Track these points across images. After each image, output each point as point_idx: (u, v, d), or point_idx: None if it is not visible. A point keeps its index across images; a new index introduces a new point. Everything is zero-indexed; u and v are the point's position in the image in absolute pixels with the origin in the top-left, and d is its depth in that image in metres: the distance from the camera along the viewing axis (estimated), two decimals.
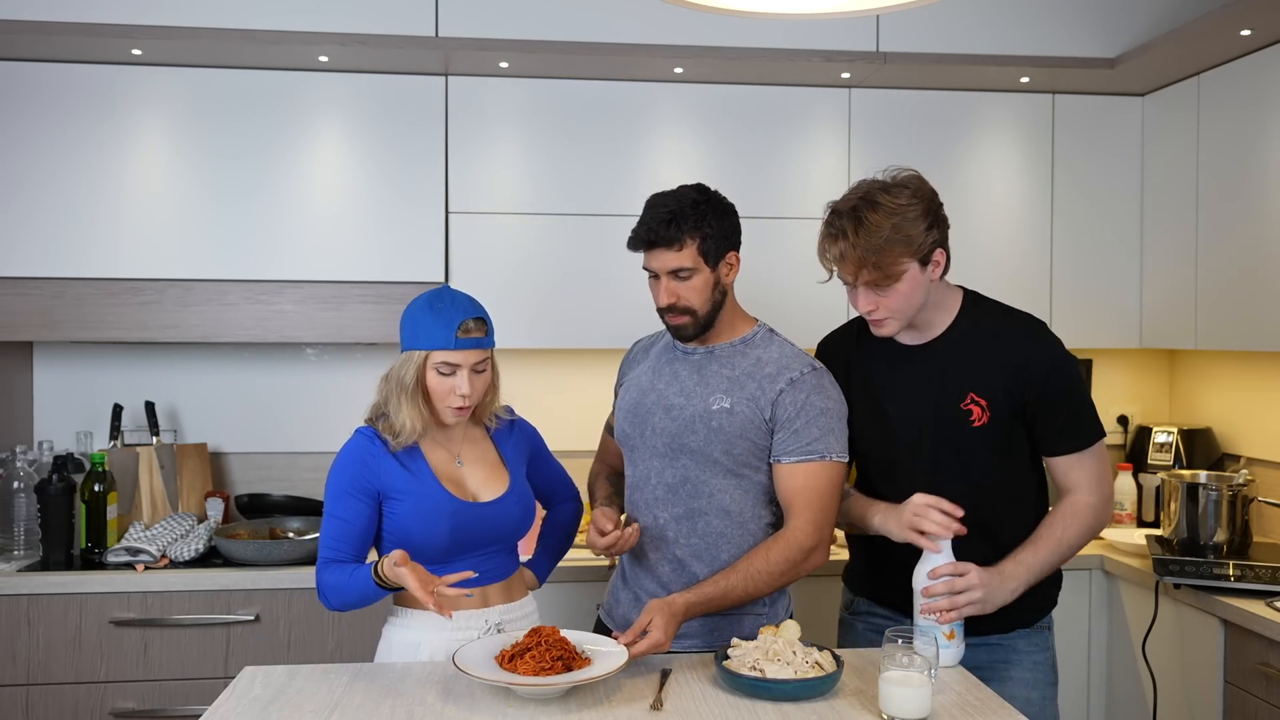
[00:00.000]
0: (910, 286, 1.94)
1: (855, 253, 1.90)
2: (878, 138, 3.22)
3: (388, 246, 3.05)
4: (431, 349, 1.93)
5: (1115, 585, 2.96)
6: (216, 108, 3.00)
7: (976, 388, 1.99)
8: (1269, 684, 2.37)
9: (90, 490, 2.88)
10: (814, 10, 1.77)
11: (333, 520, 1.96)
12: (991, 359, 1.99)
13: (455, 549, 1.98)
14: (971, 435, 1.99)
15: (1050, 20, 3.10)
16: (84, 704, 2.73)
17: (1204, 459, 3.29)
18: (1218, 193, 2.97)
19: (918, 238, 1.90)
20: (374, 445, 1.99)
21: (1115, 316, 3.32)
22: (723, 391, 2.04)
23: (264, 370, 3.39)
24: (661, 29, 2.95)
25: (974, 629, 1.98)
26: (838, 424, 2.03)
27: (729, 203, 2.08)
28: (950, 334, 2.04)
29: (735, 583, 1.97)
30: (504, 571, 2.07)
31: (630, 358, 2.28)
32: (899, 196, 1.91)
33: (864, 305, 1.98)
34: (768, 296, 3.19)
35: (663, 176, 3.15)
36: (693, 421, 2.04)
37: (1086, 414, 2.02)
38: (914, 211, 1.90)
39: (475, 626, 2.00)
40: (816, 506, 2.00)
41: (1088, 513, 2.00)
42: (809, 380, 2.02)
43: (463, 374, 1.95)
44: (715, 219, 2.03)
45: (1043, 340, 2.02)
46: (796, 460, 2.00)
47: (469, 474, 2.05)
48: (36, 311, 2.92)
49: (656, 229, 2.01)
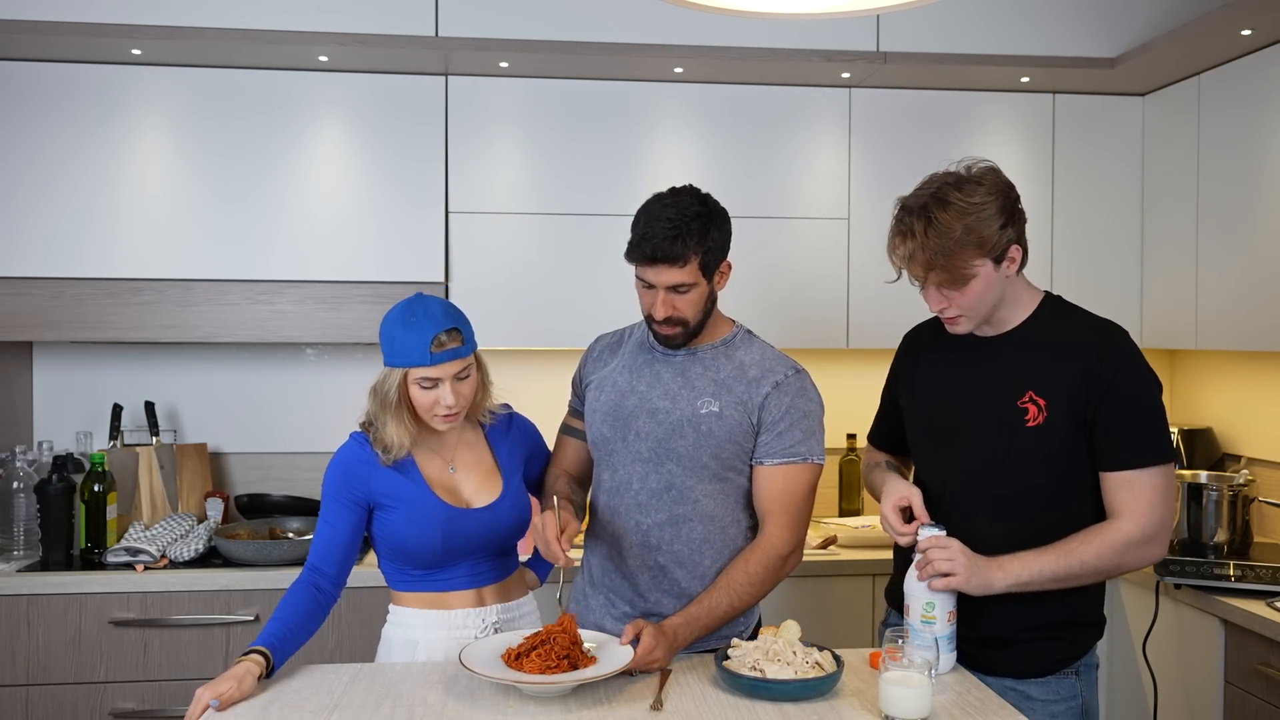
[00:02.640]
0: (984, 286, 1.84)
1: (924, 254, 1.80)
2: (878, 138, 3.22)
3: (388, 246, 3.05)
4: (408, 366, 1.90)
5: (1115, 585, 2.96)
6: (216, 108, 3.00)
7: (1037, 386, 1.87)
8: (1269, 684, 2.37)
9: (90, 490, 2.88)
10: (814, 10, 1.77)
11: (323, 524, 1.97)
12: (1059, 359, 1.87)
13: (448, 555, 1.98)
14: (1024, 436, 1.87)
15: (1050, 20, 3.10)
16: (84, 704, 2.73)
17: (1204, 459, 3.29)
18: (1218, 193, 2.97)
19: (991, 238, 1.80)
20: (365, 451, 1.98)
21: (1115, 316, 3.19)
22: (710, 395, 2.01)
23: (264, 370, 3.39)
24: (661, 29, 2.95)
25: (987, 669, 1.89)
26: (818, 427, 2.03)
27: (723, 208, 2.04)
28: (1021, 330, 1.93)
29: (719, 599, 1.94)
30: (501, 573, 2.07)
31: (594, 356, 2.21)
32: (973, 194, 1.80)
33: (935, 304, 1.89)
34: (767, 296, 3.19)
35: (663, 176, 3.15)
36: (680, 425, 2.01)
37: (1149, 431, 1.83)
38: (989, 210, 1.79)
39: (472, 626, 2.00)
40: (793, 510, 1.99)
41: (1118, 538, 1.81)
42: (794, 383, 2.02)
43: (445, 386, 1.91)
44: (716, 230, 1.98)
45: (1119, 345, 1.88)
46: (778, 463, 1.99)
47: (463, 480, 2.04)
48: (36, 311, 2.92)
49: (662, 245, 1.92)
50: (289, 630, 1.85)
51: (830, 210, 3.22)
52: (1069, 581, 1.83)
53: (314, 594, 1.91)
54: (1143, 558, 1.84)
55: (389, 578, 2.05)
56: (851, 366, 3.50)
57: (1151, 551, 1.84)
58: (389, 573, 2.04)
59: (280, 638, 1.83)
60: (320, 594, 1.92)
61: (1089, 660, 1.95)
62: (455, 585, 2.01)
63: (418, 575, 2.01)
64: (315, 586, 1.92)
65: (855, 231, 3.21)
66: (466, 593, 2.02)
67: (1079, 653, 1.93)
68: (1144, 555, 1.84)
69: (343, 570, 1.96)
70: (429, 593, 2.01)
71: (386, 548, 2.00)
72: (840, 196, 3.22)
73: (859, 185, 3.22)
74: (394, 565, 2.02)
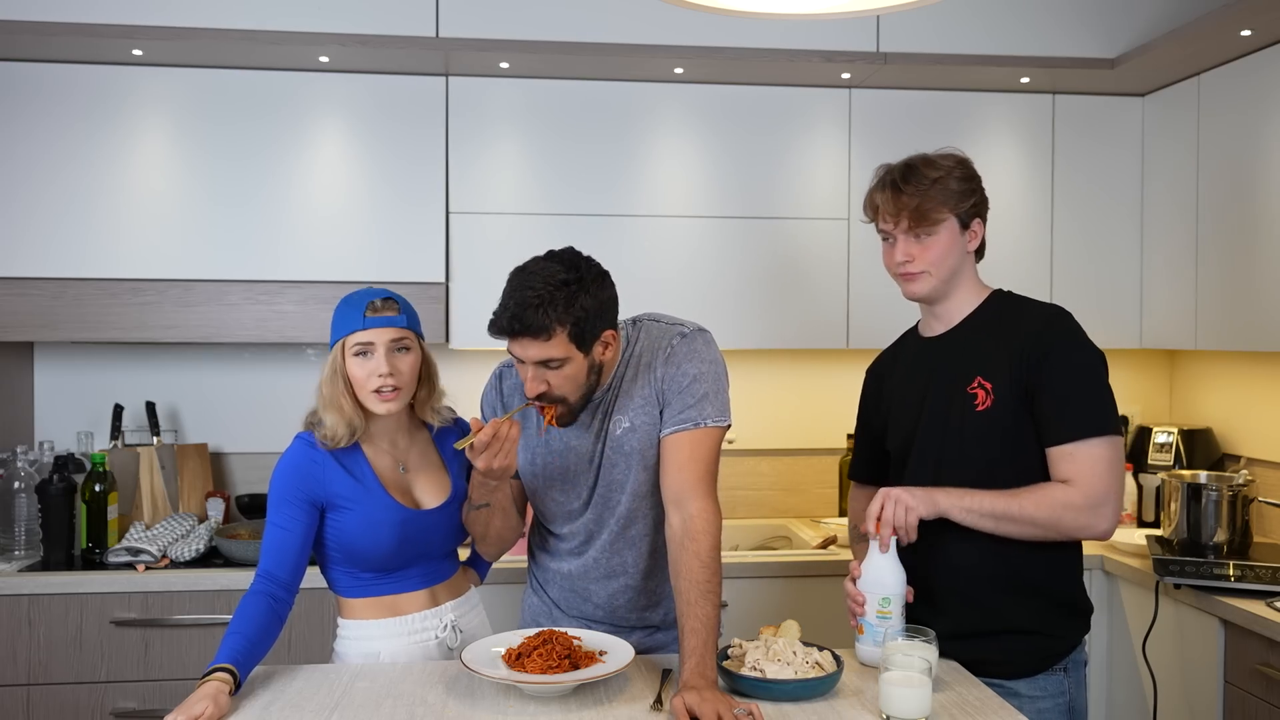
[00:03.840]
0: (948, 240, 1.95)
1: (902, 198, 1.94)
2: (878, 138, 3.22)
3: (388, 247, 3.06)
4: (345, 334, 1.91)
5: (1115, 585, 2.96)
6: (217, 108, 3.00)
7: (984, 371, 1.92)
8: (1269, 684, 2.37)
9: (91, 490, 2.88)
10: (814, 10, 1.77)
11: (272, 528, 1.90)
12: (1001, 343, 1.93)
13: (401, 557, 1.97)
14: (976, 420, 1.91)
15: (1050, 20, 3.10)
16: (84, 704, 2.74)
17: (1204, 459, 3.29)
18: (1218, 193, 2.97)
19: (961, 196, 1.96)
20: (315, 452, 1.94)
21: (1115, 317, 3.32)
22: (620, 412, 1.93)
23: (264, 370, 3.39)
24: (661, 29, 2.95)
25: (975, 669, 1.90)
26: (714, 387, 1.90)
27: (602, 271, 1.87)
28: (968, 322, 2.01)
29: (698, 620, 1.75)
30: (450, 571, 2.08)
31: (507, 401, 2.04)
32: (947, 160, 1.99)
33: (900, 254, 1.96)
34: (767, 296, 3.20)
35: (663, 176, 3.16)
36: (611, 457, 1.94)
37: (1089, 404, 1.86)
38: (959, 174, 1.97)
39: (431, 628, 2.00)
40: (705, 479, 1.87)
41: (1058, 496, 1.83)
42: (680, 348, 1.92)
43: (378, 353, 1.89)
44: (587, 297, 1.80)
45: (1057, 324, 1.92)
46: (671, 431, 1.88)
47: (413, 480, 2.02)
48: (37, 311, 2.92)
49: (521, 315, 1.77)
50: (249, 644, 1.79)
51: (830, 210, 3.22)
52: (1008, 524, 1.85)
53: (270, 604, 1.85)
54: (1084, 525, 1.85)
55: (339, 585, 2.01)
56: (851, 366, 3.50)
57: (1095, 521, 1.84)
58: (339, 579, 2.00)
59: (242, 652, 1.77)
60: (276, 603, 1.86)
61: (1077, 657, 1.96)
62: (408, 587, 2.00)
63: (369, 579, 1.98)
64: (270, 596, 1.86)
65: (855, 231, 3.21)
66: (419, 594, 2.01)
67: (1067, 648, 1.94)
68: (1085, 522, 1.84)
69: (296, 576, 1.90)
70: (382, 597, 1.98)
71: (338, 551, 1.96)
72: (840, 197, 3.22)
73: (859, 185, 3.20)
74: (345, 570, 1.98)
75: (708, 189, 3.19)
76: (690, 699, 1.62)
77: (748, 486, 3.53)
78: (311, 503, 1.92)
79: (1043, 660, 1.92)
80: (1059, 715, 1.93)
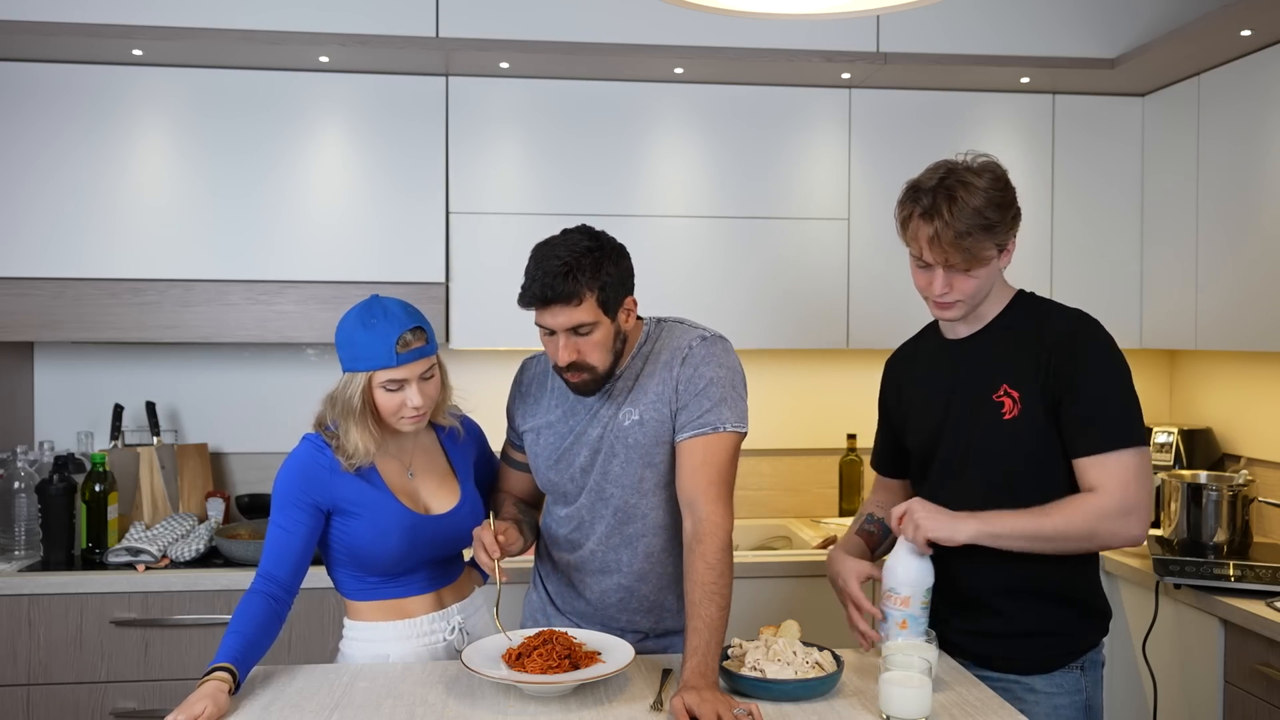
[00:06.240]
0: (988, 273, 1.88)
1: (949, 233, 1.81)
2: (878, 138, 3.22)
3: (388, 246, 3.06)
4: (374, 369, 1.86)
5: (1115, 585, 2.96)
6: (217, 108, 3.00)
7: (1010, 379, 1.88)
8: (1269, 684, 2.37)
9: (91, 490, 2.88)
10: (814, 10, 1.77)
11: (274, 529, 1.89)
12: (1029, 350, 1.88)
13: (409, 562, 1.96)
14: (1001, 429, 1.87)
15: (1050, 20, 3.10)
16: (85, 704, 2.74)
17: (1204, 459, 3.29)
18: (1218, 193, 2.97)
19: (1002, 224, 1.85)
20: (323, 456, 1.92)
21: (1115, 316, 3.28)
22: (630, 404, 1.95)
23: (264, 370, 3.39)
24: (661, 29, 2.95)
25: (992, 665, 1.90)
26: (731, 393, 1.92)
27: (620, 245, 1.95)
28: (994, 325, 1.96)
29: (701, 621, 1.77)
30: (455, 573, 2.08)
31: (524, 390, 2.11)
32: (983, 179, 1.85)
33: (940, 287, 1.87)
34: (767, 296, 3.20)
35: (662, 177, 3.16)
36: (612, 446, 1.96)
37: (1117, 413, 1.82)
38: (998, 199, 1.84)
39: (438, 631, 2.00)
40: (719, 483, 1.88)
41: (1091, 506, 1.80)
42: (698, 351, 1.94)
43: (411, 387, 1.87)
44: (611, 265, 1.88)
45: (1085, 332, 1.88)
46: (687, 436, 1.90)
47: (421, 485, 2.01)
48: (37, 311, 2.92)
49: (552, 284, 1.82)
50: (248, 643, 1.78)
51: (830, 210, 3.22)
52: (1040, 543, 1.81)
53: (269, 604, 1.84)
54: (1118, 533, 1.81)
55: (345, 587, 2.00)
56: (851, 366, 3.51)
57: (1129, 528, 1.81)
58: (345, 581, 2.00)
59: (241, 652, 1.76)
60: (275, 603, 1.85)
61: (1095, 657, 1.95)
62: (415, 590, 1.99)
63: (375, 583, 1.97)
64: (270, 596, 1.85)
65: (855, 231, 3.21)
66: (426, 597, 2.01)
67: (1085, 648, 1.93)
68: (1120, 530, 1.81)
69: (296, 578, 1.89)
70: (389, 600, 1.98)
71: (345, 555, 1.95)
72: (840, 197, 3.22)
73: (859, 186, 3.22)
74: (351, 574, 1.98)
75: (708, 189, 3.19)
76: (690, 699, 1.63)
77: (748, 486, 3.53)
78: (316, 506, 1.91)
79: (1060, 657, 1.91)
80: (1075, 712, 1.92)
